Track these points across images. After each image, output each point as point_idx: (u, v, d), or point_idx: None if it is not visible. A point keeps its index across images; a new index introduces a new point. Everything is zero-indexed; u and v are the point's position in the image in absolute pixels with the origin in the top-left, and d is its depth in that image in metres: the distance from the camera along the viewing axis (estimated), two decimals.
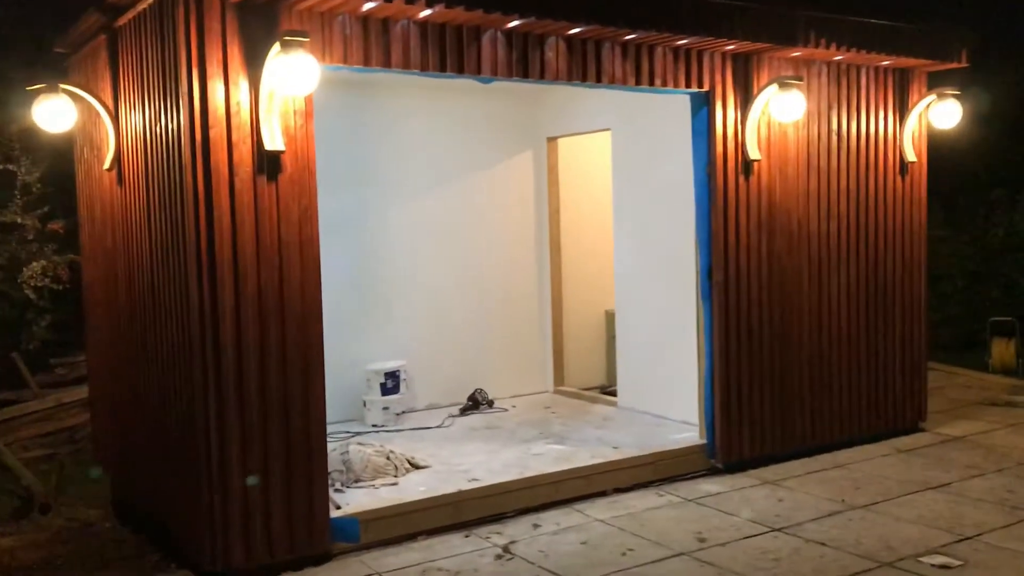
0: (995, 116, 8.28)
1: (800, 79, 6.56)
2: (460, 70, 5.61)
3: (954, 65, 7.62)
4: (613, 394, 8.91)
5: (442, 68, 5.54)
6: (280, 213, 5.06)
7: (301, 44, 4.69)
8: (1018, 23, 12.45)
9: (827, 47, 6.77)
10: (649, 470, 6.63)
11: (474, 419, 8.18)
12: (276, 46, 4.73)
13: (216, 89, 4.84)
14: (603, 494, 6.40)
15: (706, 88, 6.64)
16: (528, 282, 9.13)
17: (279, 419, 5.12)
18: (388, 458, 6.41)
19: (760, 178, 6.93)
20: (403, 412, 8.16)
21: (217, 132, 4.85)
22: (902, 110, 7.72)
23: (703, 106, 6.71)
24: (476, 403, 8.49)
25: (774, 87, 6.61)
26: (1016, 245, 12.12)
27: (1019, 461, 7.10)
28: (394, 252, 8.38)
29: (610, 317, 9.39)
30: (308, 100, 5.10)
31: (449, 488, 5.99)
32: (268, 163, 5.00)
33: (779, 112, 6.66)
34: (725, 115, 6.73)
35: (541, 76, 5.91)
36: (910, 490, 6.42)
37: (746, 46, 6.56)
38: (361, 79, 7.38)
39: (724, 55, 6.69)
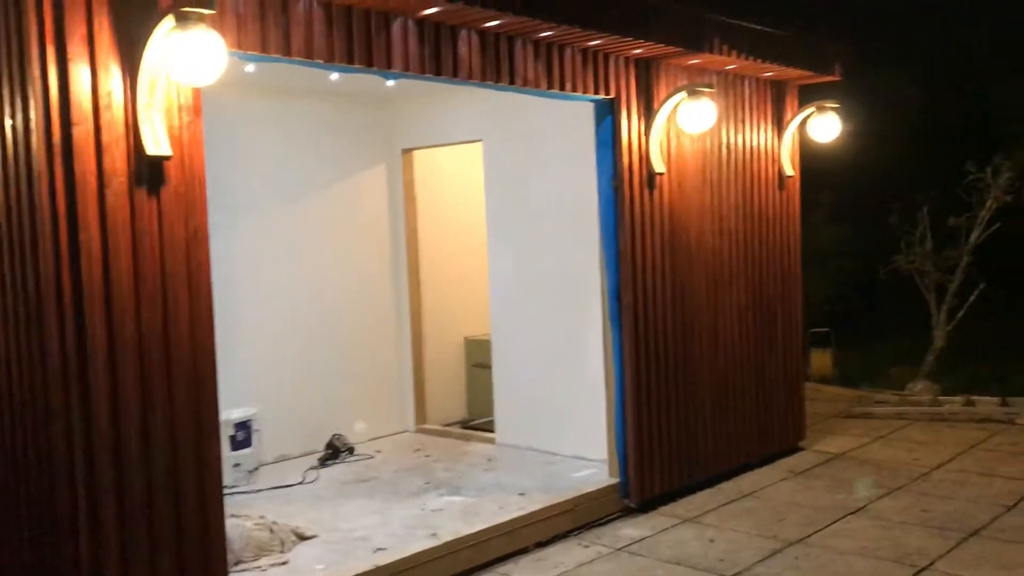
0: (868, 131, 8.41)
1: (711, 86, 6.16)
2: (369, 63, 4.71)
3: (829, 78, 7.56)
4: (482, 429, 8.18)
5: (349, 60, 4.62)
6: (164, 236, 3.94)
7: (203, 19, 3.64)
8: (883, 37, 13.00)
9: (729, 54, 6.43)
10: (568, 518, 5.94)
11: (339, 471, 7.15)
12: (167, 21, 3.64)
13: (80, 74, 3.67)
14: (525, 551, 5.64)
15: (612, 95, 6.09)
16: (385, 310, 8.20)
17: (168, 501, 3.97)
18: (272, 531, 5.32)
19: (663, 192, 6.47)
20: (256, 468, 6.99)
21: (82, 131, 3.68)
22: (779, 123, 7.56)
23: (608, 114, 6.16)
24: (336, 451, 7.45)
25: (681, 95, 6.17)
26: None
27: (910, 476, 7.05)
28: (237, 281, 7.18)
29: (470, 345, 8.67)
30: (196, 94, 4.02)
31: (355, 564, 5.01)
32: (149, 172, 3.87)
33: (688, 122, 6.23)
34: (630, 124, 6.21)
35: (454, 74, 5.11)
36: (832, 518, 6.14)
37: (653, 51, 6.09)
38: None
39: (628, 60, 6.18)
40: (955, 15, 13.43)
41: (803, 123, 7.54)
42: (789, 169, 7.63)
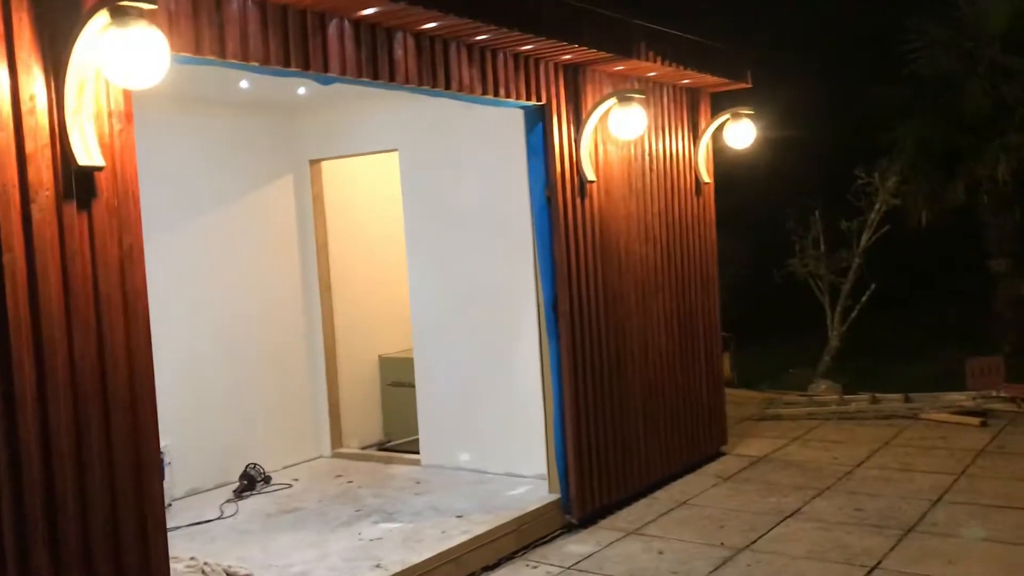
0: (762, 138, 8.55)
1: (642, 93, 6.10)
2: (305, 66, 4.40)
3: (742, 85, 7.64)
4: (401, 450, 7.88)
5: (286, 63, 4.31)
6: (96, 255, 3.54)
7: (143, 14, 3.28)
8: (786, 42, 13.25)
9: (654, 60, 6.39)
10: (512, 539, 5.74)
11: (258, 502, 6.72)
12: (101, 16, 3.26)
13: None
14: None
15: (543, 101, 5.95)
16: (296, 328, 7.80)
17: (108, 549, 3.55)
18: (204, 573, 4.91)
19: (593, 201, 6.36)
20: (168, 504, 6.48)
21: (2, 139, 3.26)
22: (695, 130, 7.59)
23: (539, 121, 6.01)
24: (252, 481, 7.01)
25: (611, 101, 6.08)
26: None
27: (835, 476, 7.16)
28: None
29: (385, 363, 8.37)
30: (128, 98, 3.64)
31: None
32: (79, 184, 3.47)
33: (619, 128, 6.15)
34: (561, 132, 6.08)
35: (391, 78, 4.86)
36: (771, 522, 6.14)
37: (583, 56, 5.98)
38: None
39: (558, 66, 6.06)
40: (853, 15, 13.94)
41: (717, 130, 7.59)
42: (706, 176, 7.67)
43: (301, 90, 6.96)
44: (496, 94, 5.55)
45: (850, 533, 5.85)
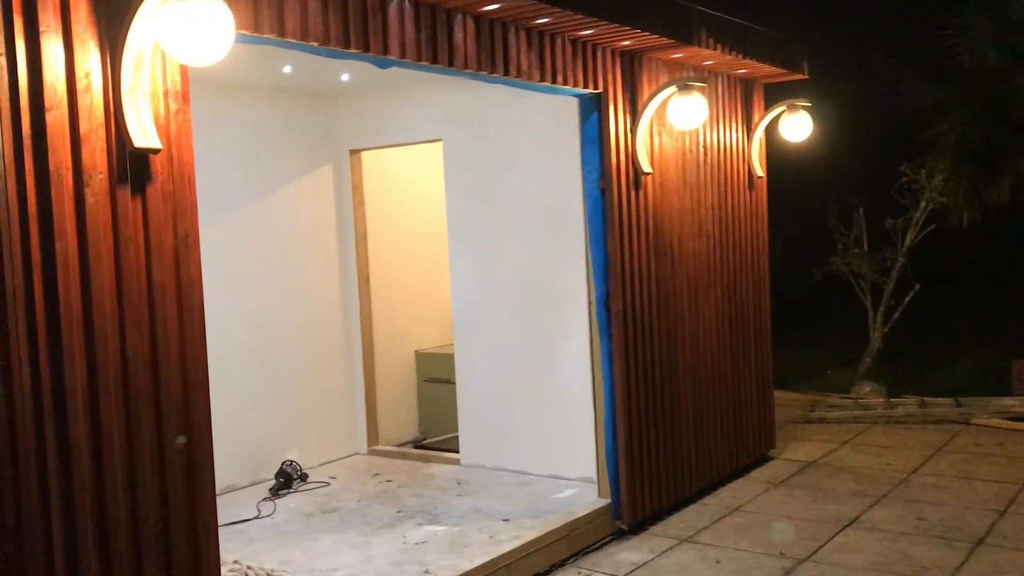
0: (831, 131, 8.34)
1: (703, 82, 5.84)
2: (365, 47, 4.18)
3: (798, 76, 7.37)
4: (438, 448, 7.67)
5: (345, 43, 4.08)
6: (151, 243, 3.33)
7: None
8: (839, 35, 12.95)
9: (714, 48, 6.14)
10: (563, 545, 5.51)
11: (296, 500, 6.53)
12: None
13: (53, 51, 3.04)
14: None
15: (599, 89, 5.71)
16: (333, 323, 7.59)
17: (159, 561, 3.35)
18: None
19: (648, 194, 6.12)
20: None
21: (56, 117, 3.05)
22: (748, 122, 7.33)
23: (594, 110, 5.77)
24: (288, 479, 6.82)
25: (671, 90, 5.83)
26: None
27: (890, 482, 6.90)
28: None
29: (421, 358, 8.15)
30: (185, 77, 3.43)
31: None
32: (134, 167, 3.26)
33: (678, 118, 5.90)
34: (617, 121, 5.84)
35: (450, 62, 4.63)
36: (830, 531, 5.89)
37: (642, 42, 5.73)
38: None
39: (615, 53, 5.81)
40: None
41: (772, 123, 7.33)
42: (759, 170, 7.41)
43: (345, 76, 6.76)
44: (553, 81, 5.31)
45: (915, 544, 5.60)
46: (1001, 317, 13.10)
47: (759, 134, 7.34)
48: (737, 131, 7.18)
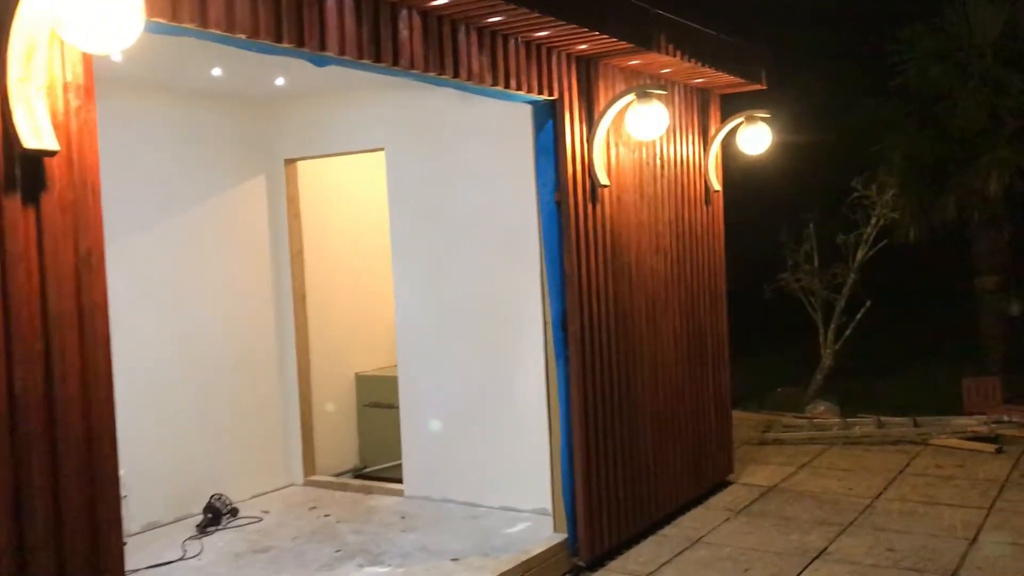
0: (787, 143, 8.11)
1: (663, 88, 5.52)
2: (300, 42, 3.74)
3: (757, 86, 7.11)
4: (379, 478, 7.21)
5: (277, 36, 3.64)
6: (46, 262, 2.85)
7: None
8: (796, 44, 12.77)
9: (674, 54, 5.82)
10: None
11: (225, 538, 6.01)
12: None
13: None
14: None
15: (555, 96, 5.34)
16: (266, 345, 7.09)
17: None
18: None
19: (605, 208, 5.77)
20: (125, 542, 5.73)
21: None
22: (705, 134, 7.04)
23: (549, 118, 5.40)
24: (217, 514, 6.29)
25: (629, 97, 5.49)
26: None
27: (855, 509, 6.62)
28: None
29: (362, 381, 7.68)
30: (88, 68, 2.96)
31: None
32: (26, 173, 2.78)
33: (636, 128, 5.56)
34: (573, 130, 5.48)
35: (394, 61, 4.21)
36: (798, 565, 5.57)
37: (599, 47, 5.38)
38: None
39: (571, 58, 5.46)
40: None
41: (728, 135, 7.04)
42: (716, 183, 7.12)
43: (280, 80, 6.30)
44: (506, 85, 4.93)
45: None
46: (949, 333, 13.07)
47: (716, 147, 7.06)
48: (694, 143, 6.88)
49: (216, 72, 5.86)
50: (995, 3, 12.83)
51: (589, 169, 5.58)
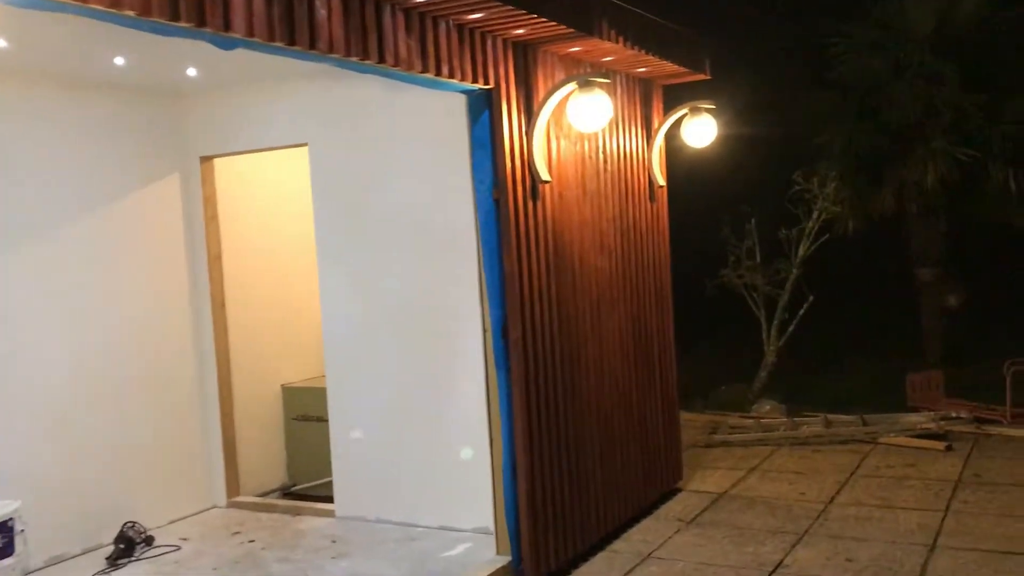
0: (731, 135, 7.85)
1: (606, 77, 5.15)
2: (200, 21, 3.29)
3: (701, 76, 6.80)
4: (310, 497, 6.76)
5: (173, 15, 3.18)
6: None
7: None
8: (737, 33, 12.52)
9: (616, 40, 5.46)
10: None
11: (138, 571, 5.52)
12: None
13: None
14: None
15: (491, 85, 4.94)
16: (182, 357, 6.57)
17: None
18: None
19: (546, 204, 5.39)
20: None
21: None
22: (648, 127, 6.71)
23: (485, 108, 5.01)
24: (130, 544, 5.78)
25: (571, 87, 5.12)
26: None
27: (809, 515, 6.36)
28: None
29: (289, 393, 7.22)
30: None
31: None
32: None
33: (579, 119, 5.19)
34: (511, 122, 5.09)
35: (311, 44, 3.77)
36: None
37: (537, 32, 5.00)
38: None
39: (507, 43, 5.07)
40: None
41: (671, 128, 6.72)
42: (660, 178, 6.80)
43: (191, 70, 5.80)
44: (438, 72, 4.52)
45: None
46: (890, 326, 13.02)
47: (660, 139, 6.73)
48: (637, 136, 6.54)
49: (119, 61, 5.34)
50: None
51: (529, 163, 5.19)
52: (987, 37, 12.77)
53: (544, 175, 5.26)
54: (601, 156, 6.06)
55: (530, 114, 5.22)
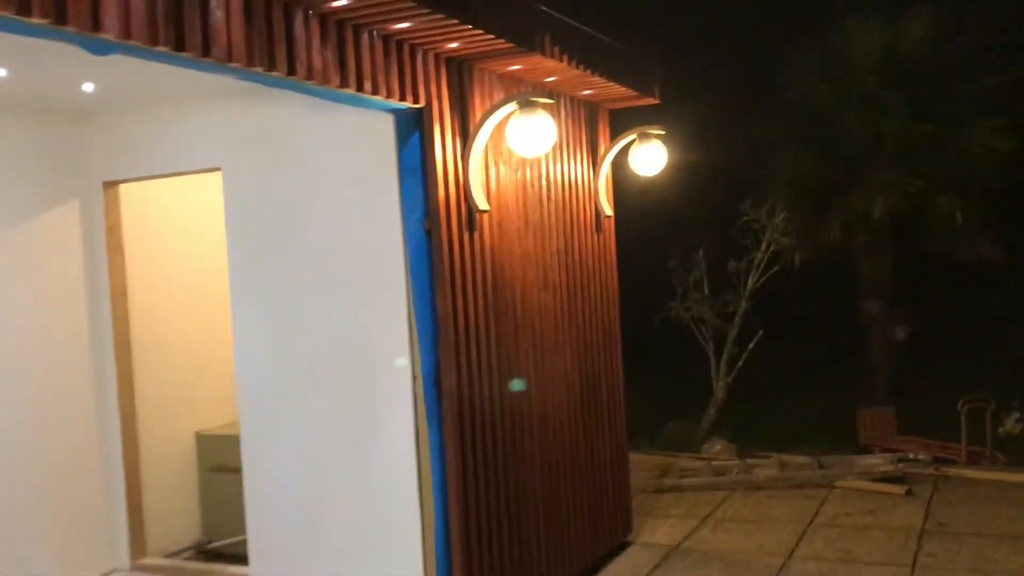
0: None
1: (550, 97, 4.68)
2: (61, 19, 2.73)
3: (650, 101, 6.39)
4: (227, 556, 6.11)
5: (23, 8, 2.62)
6: None
7: None
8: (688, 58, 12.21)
9: (560, 58, 5.00)
10: None
11: None
12: None
13: None
14: None
15: (421, 103, 4.44)
16: (80, 404, 5.90)
17: None
18: None
19: (484, 236, 4.89)
20: None
21: None
22: (594, 153, 6.27)
23: (415, 130, 4.51)
24: None
25: (511, 107, 4.64)
26: None
27: (769, 572, 5.91)
28: None
29: (204, 442, 6.58)
30: None
31: None
32: None
33: (519, 144, 4.71)
34: (444, 145, 4.59)
35: (204, 51, 3.23)
36: None
37: (473, 46, 4.52)
38: None
39: (439, 59, 4.57)
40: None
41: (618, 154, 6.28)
42: (607, 208, 6.35)
43: (88, 86, 5.19)
44: (359, 88, 4.00)
45: None
46: (839, 359, 12.77)
47: (606, 167, 6.29)
48: (583, 163, 6.09)
49: (1, 73, 4.72)
50: (875, 26, 12.67)
51: (464, 191, 4.69)
52: (933, 67, 12.70)
53: (482, 204, 4.76)
54: (544, 184, 5.59)
55: (466, 137, 4.73)
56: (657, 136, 6.11)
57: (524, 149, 4.75)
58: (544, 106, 4.63)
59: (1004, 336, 12.87)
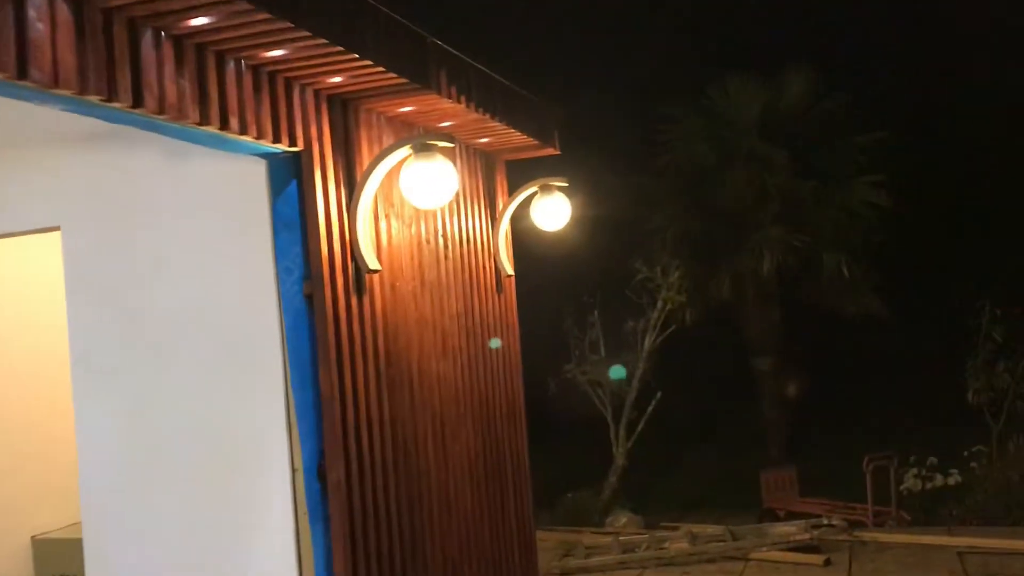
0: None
1: (450, 140, 4.11)
2: None
3: (549, 151, 5.92)
4: None
5: None
6: None
7: None
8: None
9: (458, 99, 4.46)
10: None
11: None
12: None
13: None
14: None
15: (299, 146, 3.80)
16: None
17: None
18: None
19: (375, 300, 4.24)
20: None
21: None
22: (492, 206, 5.73)
23: (292, 178, 3.86)
24: None
25: (404, 151, 4.05)
26: None
27: None
28: None
29: (42, 547, 5.63)
30: None
31: None
32: None
33: (416, 194, 4.11)
34: (327, 195, 3.95)
35: (21, 73, 2.52)
36: None
37: (359, 81, 3.92)
38: None
39: (320, 96, 3.95)
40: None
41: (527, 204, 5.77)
42: (508, 266, 5.80)
43: None
44: (224, 125, 3.33)
45: None
46: (735, 418, 12.54)
47: (506, 222, 5.76)
48: (481, 217, 5.54)
49: None
50: (755, 86, 12.75)
51: (351, 248, 4.05)
52: (813, 125, 12.84)
53: (372, 263, 4.12)
54: (441, 240, 5.00)
55: (352, 186, 4.10)
56: (560, 187, 5.63)
57: (421, 199, 4.14)
58: (442, 150, 4.05)
59: (892, 389, 12.92)
